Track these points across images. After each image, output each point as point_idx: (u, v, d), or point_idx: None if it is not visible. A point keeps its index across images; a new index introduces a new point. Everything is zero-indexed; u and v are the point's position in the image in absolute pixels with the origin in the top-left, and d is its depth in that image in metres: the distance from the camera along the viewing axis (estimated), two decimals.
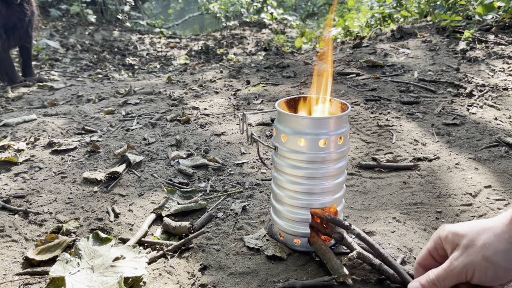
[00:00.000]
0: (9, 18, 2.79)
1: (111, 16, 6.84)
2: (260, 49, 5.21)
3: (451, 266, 0.64)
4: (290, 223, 0.92)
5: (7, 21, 2.79)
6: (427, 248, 0.71)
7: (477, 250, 0.61)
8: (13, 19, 2.81)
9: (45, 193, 1.26)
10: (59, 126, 1.89)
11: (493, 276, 0.60)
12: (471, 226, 0.64)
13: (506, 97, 1.98)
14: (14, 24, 2.85)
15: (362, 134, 1.64)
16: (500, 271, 0.60)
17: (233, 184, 1.28)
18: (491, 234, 0.61)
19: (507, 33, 3.02)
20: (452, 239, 0.65)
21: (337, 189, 0.90)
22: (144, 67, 4.45)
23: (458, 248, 0.64)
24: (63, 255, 0.87)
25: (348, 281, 0.80)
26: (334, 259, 0.84)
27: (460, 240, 0.64)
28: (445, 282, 0.65)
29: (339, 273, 0.80)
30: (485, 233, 0.61)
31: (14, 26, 2.85)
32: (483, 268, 0.60)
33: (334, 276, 0.82)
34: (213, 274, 0.87)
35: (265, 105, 2.06)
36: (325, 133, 0.82)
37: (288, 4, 9.23)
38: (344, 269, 0.81)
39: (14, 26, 2.85)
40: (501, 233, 0.60)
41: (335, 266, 0.82)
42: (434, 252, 0.70)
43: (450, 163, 1.37)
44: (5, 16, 2.76)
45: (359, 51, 3.04)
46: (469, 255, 0.62)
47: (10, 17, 2.79)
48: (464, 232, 0.64)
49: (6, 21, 2.79)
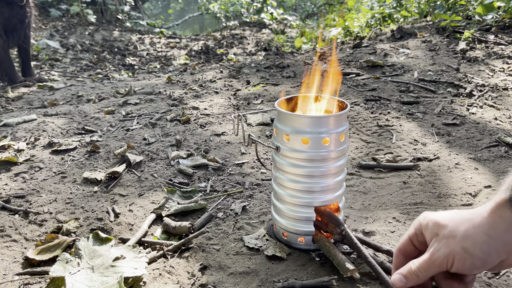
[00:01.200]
0: (10, 19, 2.80)
1: (111, 16, 6.84)
2: (260, 49, 5.21)
3: (433, 257, 0.65)
4: (294, 222, 0.92)
5: (8, 23, 2.81)
6: (408, 235, 0.73)
7: (457, 241, 0.63)
8: (13, 20, 2.83)
9: (45, 193, 1.26)
10: (59, 126, 1.89)
11: (470, 266, 0.62)
12: (452, 216, 0.66)
13: (506, 97, 1.98)
14: (15, 25, 2.86)
15: (362, 134, 1.65)
16: (477, 261, 0.62)
17: (233, 184, 1.29)
18: (470, 226, 0.62)
19: (507, 33, 3.02)
20: (432, 228, 0.67)
21: (338, 186, 0.90)
22: (144, 67, 4.45)
23: (438, 238, 0.65)
24: (63, 255, 0.87)
25: (356, 275, 0.81)
26: (339, 255, 0.84)
27: (440, 230, 0.65)
28: (427, 272, 0.67)
29: (346, 269, 0.80)
30: (464, 224, 0.63)
31: (14, 27, 2.86)
32: (461, 258, 0.62)
33: (334, 277, 0.82)
34: (213, 274, 0.87)
35: (265, 105, 2.06)
36: (326, 131, 0.83)
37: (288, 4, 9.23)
38: (351, 265, 0.81)
39: (14, 28, 2.86)
40: (480, 225, 0.62)
41: (341, 262, 0.82)
42: (414, 239, 0.72)
43: (450, 163, 1.37)
44: (7, 18, 2.77)
45: (359, 51, 3.04)
46: (449, 246, 0.63)
47: (11, 18, 2.80)
48: (445, 222, 0.65)
49: (7, 22, 2.80)
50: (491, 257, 0.61)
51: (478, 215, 0.63)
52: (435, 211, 0.70)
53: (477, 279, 0.83)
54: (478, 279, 0.83)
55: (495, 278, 0.84)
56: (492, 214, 0.61)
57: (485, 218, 0.62)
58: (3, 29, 2.81)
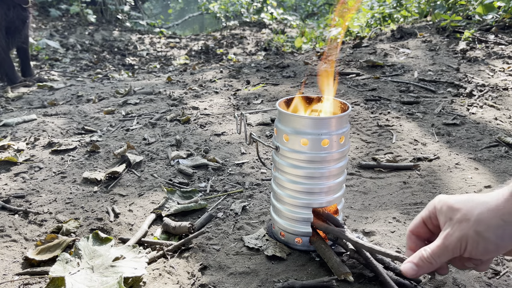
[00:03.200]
0: (14, 21, 2.81)
1: (111, 16, 6.84)
2: (260, 49, 5.20)
3: (446, 242, 0.64)
4: (291, 222, 0.92)
5: (11, 24, 2.81)
6: (421, 216, 0.72)
7: (470, 224, 0.61)
8: (16, 22, 2.83)
9: (45, 193, 1.25)
10: (59, 126, 1.89)
11: (483, 250, 0.61)
12: (466, 199, 0.64)
13: (506, 97, 1.98)
14: (17, 26, 2.86)
15: (362, 134, 1.64)
16: (490, 246, 0.61)
17: (233, 184, 1.28)
18: (484, 209, 0.61)
19: (507, 33, 3.02)
20: (446, 211, 0.66)
21: (337, 188, 0.90)
22: (144, 67, 4.45)
23: (452, 222, 0.64)
24: (63, 255, 0.87)
25: (350, 278, 0.80)
26: (334, 257, 0.84)
27: (454, 214, 0.64)
28: (440, 258, 0.66)
29: (340, 271, 0.80)
30: (479, 207, 0.62)
31: (17, 28, 2.87)
32: (474, 242, 0.61)
33: (334, 277, 0.82)
34: (213, 274, 0.87)
35: (265, 105, 2.06)
36: (327, 133, 0.82)
37: (288, 4, 9.23)
38: (345, 267, 0.81)
39: (16, 29, 2.87)
40: (495, 208, 0.60)
41: (335, 265, 0.82)
42: (428, 221, 0.71)
43: (450, 163, 1.37)
44: (10, 19, 2.78)
45: (359, 51, 3.04)
46: (462, 229, 0.62)
47: (14, 20, 2.81)
48: (459, 206, 0.64)
49: (10, 24, 2.80)
50: (505, 241, 0.60)
51: (494, 199, 0.61)
52: (450, 194, 0.68)
53: (477, 279, 0.83)
54: (478, 279, 0.83)
55: (495, 278, 0.84)
56: (508, 199, 0.59)
57: (500, 202, 0.60)
58: (6, 31, 2.81)
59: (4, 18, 2.75)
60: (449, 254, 0.65)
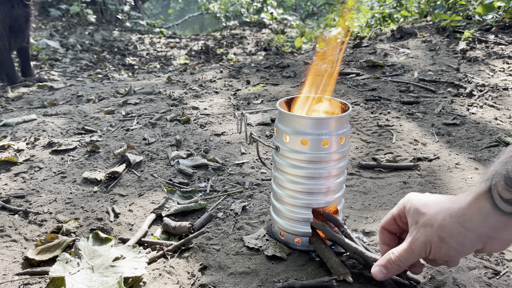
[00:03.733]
0: (17, 19, 2.80)
1: (111, 16, 6.84)
2: (260, 49, 5.20)
3: (412, 246, 0.68)
4: (291, 222, 0.92)
5: (14, 23, 2.80)
6: (392, 214, 0.75)
7: (434, 230, 0.64)
8: (19, 21, 2.82)
9: (45, 193, 1.25)
10: (59, 126, 1.89)
11: (446, 254, 0.65)
12: (433, 203, 0.67)
13: (506, 97, 1.98)
14: (20, 25, 2.85)
15: (362, 134, 1.64)
16: (452, 251, 0.64)
17: (233, 184, 1.28)
18: (447, 215, 0.63)
19: (507, 33, 3.02)
20: (413, 214, 0.69)
21: (337, 188, 0.90)
22: (144, 67, 4.45)
23: (417, 226, 0.67)
24: (63, 255, 0.87)
25: (348, 279, 0.80)
26: (333, 257, 0.84)
27: (419, 218, 0.67)
28: (407, 261, 0.69)
29: (339, 272, 0.81)
30: (442, 213, 0.64)
31: (20, 27, 2.86)
32: (438, 247, 0.64)
33: (334, 277, 0.82)
34: (213, 274, 0.87)
35: (265, 105, 2.06)
36: (327, 133, 0.82)
37: (288, 4, 9.22)
38: (344, 267, 0.81)
39: (19, 28, 2.86)
40: (456, 215, 0.62)
41: (334, 265, 0.82)
42: (398, 219, 0.74)
43: (450, 163, 1.37)
44: (14, 18, 2.77)
45: (359, 51, 3.04)
46: (427, 235, 0.65)
47: (17, 19, 2.80)
48: (424, 210, 0.67)
49: (13, 23, 2.79)
50: (466, 247, 0.63)
51: (457, 204, 0.63)
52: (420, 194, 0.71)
53: (477, 279, 0.83)
54: (478, 279, 0.83)
55: (495, 278, 0.84)
56: (471, 205, 0.61)
57: (462, 208, 0.62)
58: (9, 30, 2.80)
59: (9, 16, 2.74)
60: (415, 257, 0.68)
